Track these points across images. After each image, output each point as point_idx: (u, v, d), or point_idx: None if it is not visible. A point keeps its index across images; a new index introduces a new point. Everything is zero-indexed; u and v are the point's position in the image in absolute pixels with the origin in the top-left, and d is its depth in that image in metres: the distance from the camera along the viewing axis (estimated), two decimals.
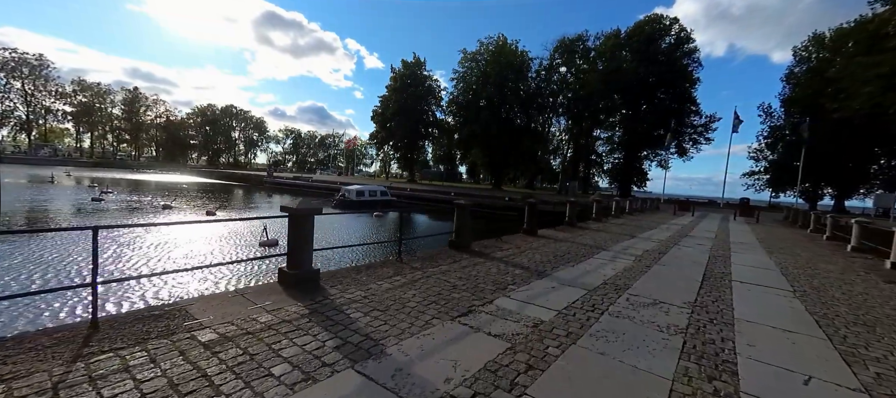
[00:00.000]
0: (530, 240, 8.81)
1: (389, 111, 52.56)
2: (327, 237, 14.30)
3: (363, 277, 4.98)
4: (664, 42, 52.67)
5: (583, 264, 6.47)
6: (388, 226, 18.91)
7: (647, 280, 5.59)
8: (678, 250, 8.67)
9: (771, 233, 14.54)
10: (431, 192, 40.60)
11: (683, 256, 7.95)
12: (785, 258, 8.57)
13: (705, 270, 6.55)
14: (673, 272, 6.27)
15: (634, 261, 7.08)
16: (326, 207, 30.09)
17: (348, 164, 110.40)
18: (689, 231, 13.34)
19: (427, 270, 5.43)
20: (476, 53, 45.50)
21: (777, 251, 9.66)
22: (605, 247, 8.54)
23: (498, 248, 7.47)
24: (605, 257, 7.28)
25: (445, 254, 6.52)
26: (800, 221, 18.37)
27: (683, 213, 22.80)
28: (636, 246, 9.00)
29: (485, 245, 7.79)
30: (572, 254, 7.33)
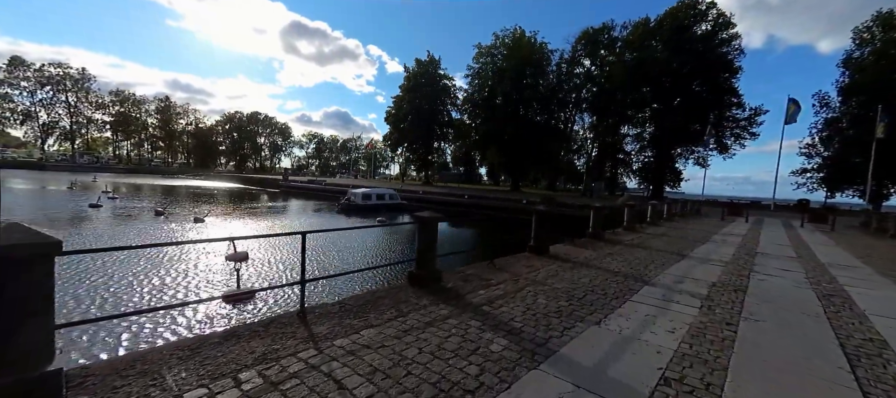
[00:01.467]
0: (536, 265, 6.26)
1: (402, 112, 50.78)
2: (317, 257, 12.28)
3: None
4: (700, 29, 48.08)
5: (615, 319, 3.89)
6: (388, 240, 16.70)
7: (743, 364, 2.98)
8: (761, 283, 5.84)
9: (867, 249, 11.14)
10: (445, 195, 38.29)
11: (776, 295, 5.16)
12: None
13: (834, 330, 3.82)
14: (781, 336, 3.60)
15: (702, 308, 4.41)
16: (329, 214, 28.80)
17: (369, 167, 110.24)
18: (754, 245, 10.25)
19: (329, 342, 3.06)
20: (491, 48, 42.85)
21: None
22: (646, 277, 5.85)
23: (484, 281, 5.01)
24: (650, 300, 4.63)
25: (392, 300, 4.14)
26: (892, 230, 14.58)
27: (735, 219, 19.25)
28: (693, 274, 6.24)
29: (468, 275, 5.34)
30: (597, 294, 4.73)
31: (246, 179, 65.45)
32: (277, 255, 11.48)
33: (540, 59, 42.50)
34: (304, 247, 3.52)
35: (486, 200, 34.19)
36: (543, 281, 5.19)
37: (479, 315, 3.75)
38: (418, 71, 52.00)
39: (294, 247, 12.52)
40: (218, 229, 16.43)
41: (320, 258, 11.73)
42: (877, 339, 3.62)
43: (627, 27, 49.71)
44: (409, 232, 18.23)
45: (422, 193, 39.67)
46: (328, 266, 10.99)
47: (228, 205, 27.86)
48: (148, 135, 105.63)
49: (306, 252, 3.56)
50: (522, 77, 41.36)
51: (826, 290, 5.50)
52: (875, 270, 7.43)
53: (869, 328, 3.94)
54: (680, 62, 46.11)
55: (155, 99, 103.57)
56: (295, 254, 11.54)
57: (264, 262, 10.67)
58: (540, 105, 44.02)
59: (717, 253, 8.62)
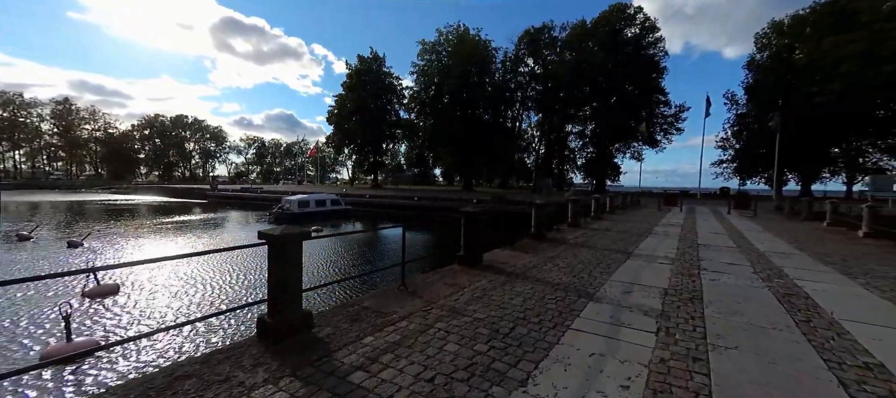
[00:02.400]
0: (462, 282, 4.99)
1: (346, 111, 47.96)
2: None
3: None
4: (630, 32, 51.24)
5: (549, 369, 2.68)
6: (316, 254, 14.68)
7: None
8: (714, 285, 5.09)
9: (791, 233, 11.47)
10: (395, 198, 36.51)
11: (736, 303, 4.36)
12: (869, 280, 5.20)
13: (818, 351, 2.96)
14: (763, 371, 2.64)
15: (660, 332, 3.38)
16: (254, 226, 25.48)
17: (318, 172, 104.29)
18: (695, 237, 9.99)
19: None
20: (435, 45, 41.82)
21: (846, 265, 6.33)
22: (591, 289, 4.83)
23: (381, 318, 3.61)
24: (595, 326, 3.54)
25: (203, 379, 2.58)
26: (804, 213, 15.67)
27: (670, 208, 19.88)
28: (642, 278, 5.37)
29: (362, 309, 3.90)
30: (530, 324, 3.54)
31: (170, 190, 58.05)
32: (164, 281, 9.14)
33: (485, 57, 42.32)
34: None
35: (437, 201, 33.00)
36: (463, 309, 3.90)
37: (344, 394, 2.33)
38: (361, 68, 49.48)
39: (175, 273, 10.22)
40: (93, 256, 13.28)
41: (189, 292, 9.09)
42: (874, 364, 2.78)
43: (566, 28, 51.53)
44: (352, 242, 16.36)
45: (369, 197, 37.50)
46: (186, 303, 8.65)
47: (131, 222, 23.68)
48: (44, 143, 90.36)
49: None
50: (469, 75, 40.84)
51: (782, 289, 4.85)
52: (810, 256, 7.21)
53: (853, 344, 3.15)
54: (614, 63, 48.60)
55: (51, 101, 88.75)
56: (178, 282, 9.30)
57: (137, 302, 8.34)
58: (488, 103, 43.86)
59: (661, 248, 8.04)
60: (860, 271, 5.98)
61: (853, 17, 29.78)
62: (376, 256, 14.08)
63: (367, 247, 15.88)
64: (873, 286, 5.06)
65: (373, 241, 17.37)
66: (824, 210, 14.45)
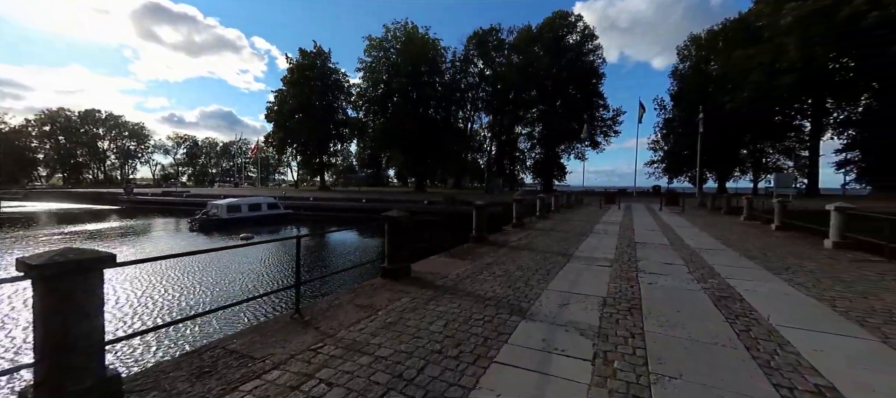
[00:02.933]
0: (377, 303, 4.17)
1: (287, 108, 44.74)
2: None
3: None
4: (571, 38, 53.88)
5: None
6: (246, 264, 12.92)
7: None
8: (652, 289, 4.79)
9: (716, 228, 12.15)
10: (341, 201, 34.54)
11: (675, 313, 4.01)
12: (804, 278, 5.28)
13: (766, 374, 2.58)
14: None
15: (596, 360, 2.83)
16: (170, 236, 22.18)
17: (260, 174, 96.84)
18: (632, 234, 10.10)
19: None
20: (383, 41, 40.46)
21: (767, 260, 6.50)
22: (524, 303, 4.26)
23: (245, 367, 2.67)
24: (525, 355, 2.91)
25: None
26: (723, 208, 17.06)
27: (610, 206, 20.70)
28: (581, 286, 4.94)
29: (227, 352, 2.92)
30: (445, 360, 2.81)
31: (74, 195, 49.92)
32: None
33: (434, 56, 41.82)
34: None
35: (387, 203, 31.72)
36: (366, 343, 3.08)
37: None
38: (304, 63, 46.50)
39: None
40: None
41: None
42: (825, 386, 2.43)
43: (513, 32, 52.82)
44: (277, 251, 14.70)
45: (313, 200, 35.13)
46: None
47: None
48: None
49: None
50: (419, 74, 40.05)
51: (717, 291, 4.65)
52: (736, 251, 7.42)
53: (797, 359, 2.83)
54: (558, 68, 50.69)
55: None
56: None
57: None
58: (439, 103, 43.42)
59: (601, 248, 7.87)
60: (781, 266, 6.12)
61: (757, 33, 33.75)
62: (291, 271, 12.64)
63: (281, 260, 14.19)
64: (796, 282, 5.09)
65: (299, 250, 15.84)
66: (741, 206, 15.80)
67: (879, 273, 5.65)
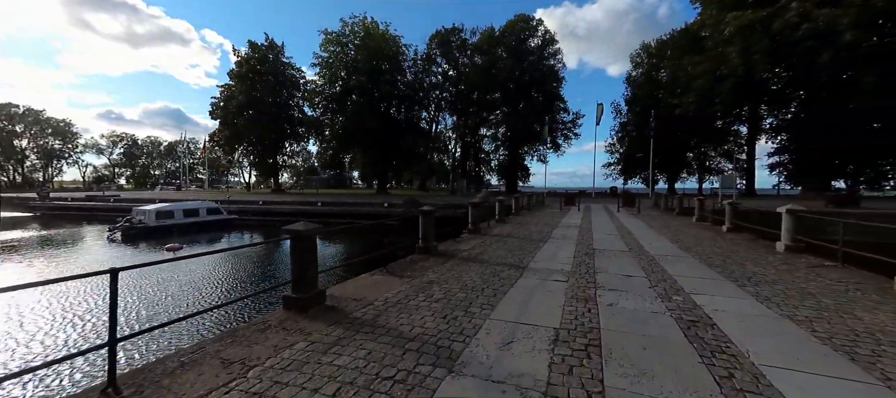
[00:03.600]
0: (260, 350, 3.04)
1: (235, 104, 41.38)
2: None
3: None
4: (533, 42, 54.73)
5: None
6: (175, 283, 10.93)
7: None
8: (615, 312, 4.06)
9: (673, 231, 12.05)
10: (295, 205, 32.21)
11: (646, 348, 3.26)
12: (758, 289, 4.81)
13: None
14: None
15: None
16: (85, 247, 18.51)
17: (210, 175, 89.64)
18: (590, 239, 9.60)
19: None
20: (340, 36, 38.49)
21: (729, 269, 6.09)
22: (458, 342, 3.32)
23: None
24: None
25: None
26: (676, 209, 17.39)
27: (570, 208, 20.61)
28: (530, 313, 4.10)
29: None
30: None
31: None
32: None
33: (396, 53, 40.39)
34: None
35: (345, 206, 29.98)
36: None
37: None
38: (254, 56, 43.35)
39: None
40: None
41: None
42: None
43: (476, 33, 52.71)
44: (215, 263, 12.83)
45: (262, 204, 32.54)
46: None
47: None
48: None
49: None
50: (379, 72, 38.47)
51: (685, 314, 3.99)
52: (696, 258, 7.01)
53: None
54: (521, 70, 51.19)
55: None
56: None
57: None
58: (401, 102, 42.01)
59: (559, 256, 7.18)
60: (742, 275, 5.70)
61: (702, 42, 35.79)
62: (227, 289, 10.77)
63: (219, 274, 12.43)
64: (763, 296, 4.58)
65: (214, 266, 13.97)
66: (692, 206, 16.11)
67: (839, 280, 5.34)
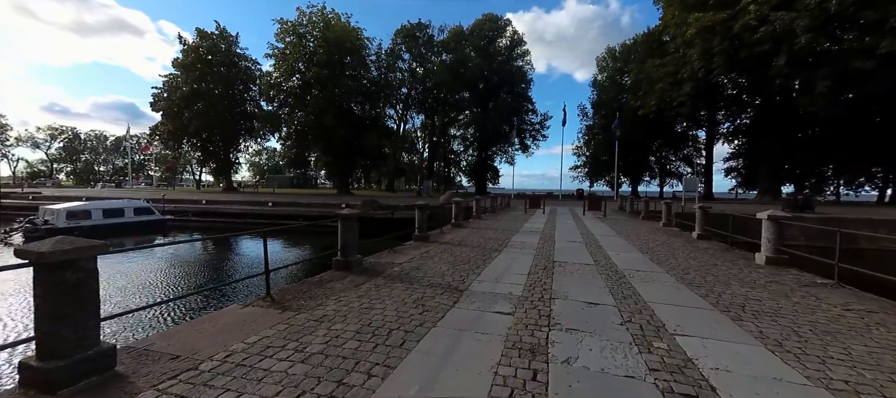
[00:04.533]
0: None
1: (180, 96, 37.54)
2: None
3: None
4: (501, 42, 54.21)
5: None
6: None
7: None
8: (571, 373, 2.66)
9: (640, 236, 11.10)
10: (244, 204, 29.32)
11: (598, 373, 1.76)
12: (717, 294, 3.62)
13: None
14: None
15: None
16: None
17: (167, 173, 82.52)
18: (551, 248, 8.34)
19: None
20: (297, 25, 35.82)
21: (713, 292, 4.94)
22: None
23: None
24: None
25: None
26: (642, 213, 16.72)
27: (534, 210, 19.59)
28: (448, 378, 2.62)
29: None
30: None
31: None
32: None
33: (359, 47, 38.15)
34: None
35: (298, 207, 27.54)
36: None
37: None
38: (203, 45, 39.62)
39: None
40: None
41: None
42: None
43: (444, 31, 51.43)
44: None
45: (205, 203, 29.38)
46: None
47: None
48: None
49: None
50: (341, 65, 36.10)
51: (676, 383, 2.64)
52: (672, 276, 5.84)
53: None
54: (490, 70, 50.46)
55: None
56: None
57: None
58: (365, 99, 39.75)
59: (511, 272, 5.80)
60: (734, 301, 4.52)
61: (665, 46, 36.37)
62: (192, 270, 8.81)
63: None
64: (772, 340, 3.36)
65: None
66: (658, 210, 15.47)
67: (847, 307, 4.27)
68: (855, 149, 29.03)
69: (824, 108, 22.98)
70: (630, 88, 44.03)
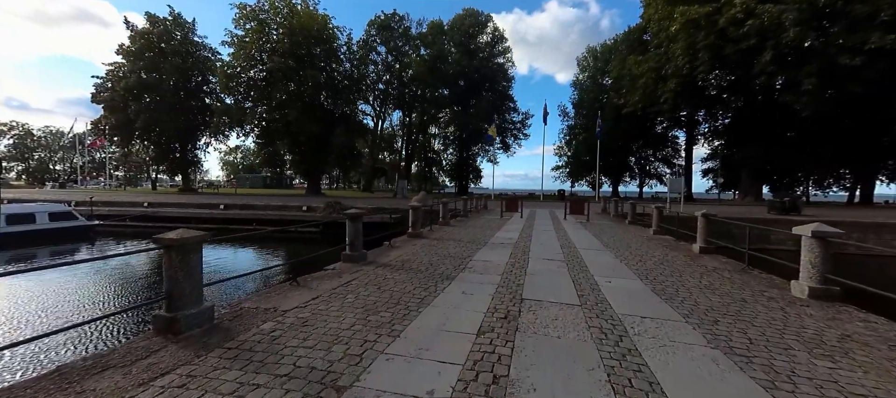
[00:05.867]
0: None
1: (123, 87, 33.77)
2: None
3: None
4: (482, 38, 52.48)
5: None
6: None
7: None
8: None
9: (631, 248, 9.21)
10: (190, 207, 26.21)
11: None
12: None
13: None
14: None
15: None
16: None
17: (130, 172, 76.75)
18: (522, 273, 6.27)
19: None
20: (258, 11, 32.79)
21: (745, 345, 2.97)
22: None
23: None
24: None
25: None
26: (629, 217, 14.98)
27: (511, 214, 17.63)
28: None
29: None
30: None
31: None
32: None
33: (329, 38, 35.38)
34: None
35: (250, 209, 24.72)
36: None
37: None
38: (154, 31, 35.94)
39: None
40: None
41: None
42: None
43: (422, 25, 49.23)
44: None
45: (146, 206, 26.13)
46: None
47: None
48: None
49: None
50: (309, 57, 33.29)
51: None
52: (701, 332, 3.85)
53: None
54: (471, 67, 48.63)
55: None
56: None
57: None
58: (337, 94, 37.01)
59: (446, 334, 3.67)
60: (778, 366, 2.53)
61: (646, 43, 35.34)
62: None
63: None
64: None
65: None
66: (645, 213, 13.78)
67: None
68: (835, 149, 28.60)
69: (809, 106, 22.11)
70: (612, 86, 43.01)
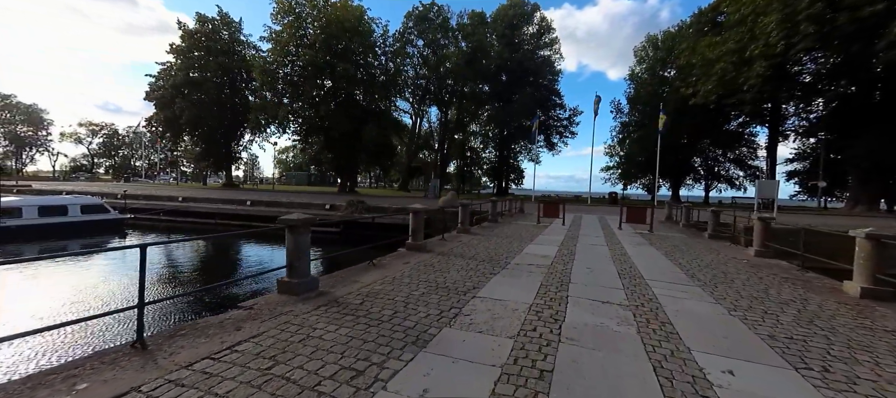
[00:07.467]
0: None
1: (170, 84, 35.22)
2: None
3: None
4: (527, 30, 48.98)
5: None
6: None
7: None
8: None
9: (734, 282, 6.06)
10: (219, 202, 26.21)
11: None
12: None
13: None
14: None
15: None
16: None
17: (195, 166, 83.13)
18: (557, 315, 3.61)
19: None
20: (294, 4, 32.40)
21: None
22: None
23: None
24: None
25: None
26: (710, 229, 11.35)
27: (551, 221, 14.58)
28: None
29: None
30: None
31: None
32: None
33: (366, 31, 34.17)
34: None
35: (276, 207, 24.03)
36: None
37: None
38: (203, 30, 37.27)
39: None
40: None
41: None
42: None
43: (463, 17, 46.85)
44: None
45: (181, 200, 26.50)
46: None
47: None
48: None
49: None
50: (347, 52, 32.30)
51: None
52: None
53: None
54: (513, 59, 45.45)
55: None
56: None
57: None
58: (372, 89, 35.81)
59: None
60: None
61: (720, 26, 29.93)
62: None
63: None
64: None
65: None
66: (725, 223, 10.17)
67: None
68: None
69: None
70: (678, 75, 37.45)
